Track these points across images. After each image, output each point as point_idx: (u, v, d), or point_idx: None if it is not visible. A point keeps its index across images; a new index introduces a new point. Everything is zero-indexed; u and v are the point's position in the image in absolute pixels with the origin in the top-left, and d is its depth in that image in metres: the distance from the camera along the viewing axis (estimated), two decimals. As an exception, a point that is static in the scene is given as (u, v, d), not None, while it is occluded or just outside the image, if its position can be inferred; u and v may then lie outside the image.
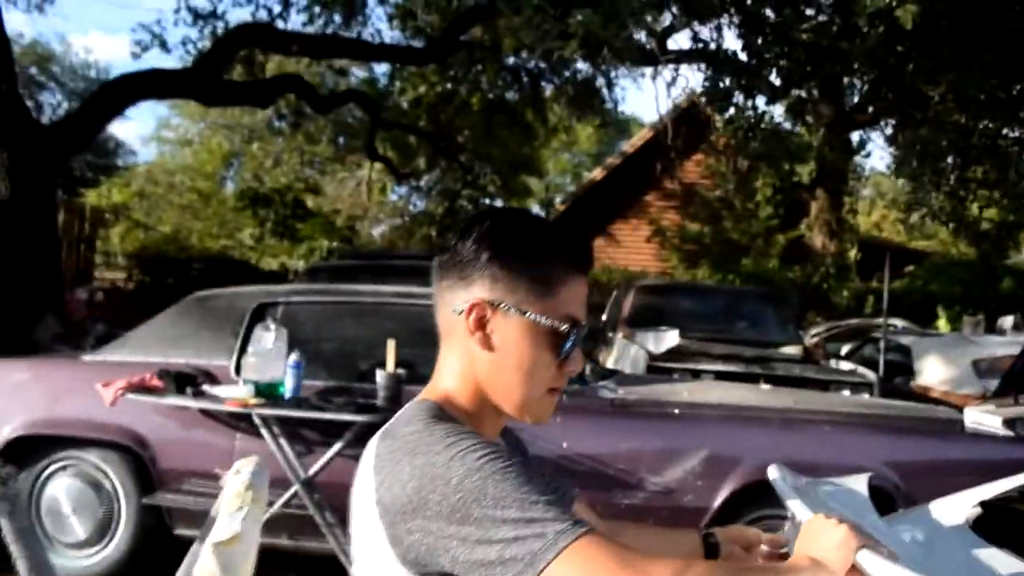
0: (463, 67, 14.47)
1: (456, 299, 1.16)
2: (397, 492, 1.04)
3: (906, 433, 3.87)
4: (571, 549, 0.93)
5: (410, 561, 1.04)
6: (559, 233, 1.19)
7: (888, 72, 7.75)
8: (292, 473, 3.57)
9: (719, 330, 8.21)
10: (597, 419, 3.76)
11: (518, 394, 1.16)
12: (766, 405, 3.91)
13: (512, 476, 1.00)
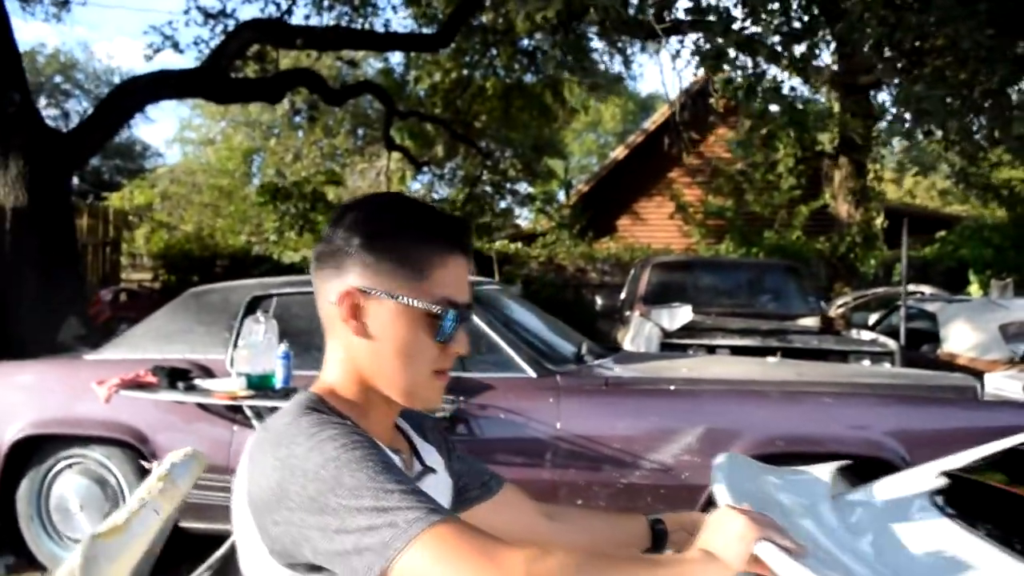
0: (477, 52, 14.42)
1: (331, 288, 1.13)
2: (263, 484, 1.02)
3: (914, 402, 3.76)
4: (424, 537, 0.91)
5: (277, 552, 1.02)
6: (430, 215, 1.15)
7: (887, 28, 7.55)
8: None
9: (737, 304, 8.11)
10: (591, 398, 3.71)
11: (401, 380, 1.13)
12: (766, 379, 3.84)
13: (369, 466, 0.97)
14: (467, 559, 0.89)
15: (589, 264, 14.61)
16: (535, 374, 3.74)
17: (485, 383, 3.73)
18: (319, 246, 1.15)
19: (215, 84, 9.74)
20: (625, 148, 19.11)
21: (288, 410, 1.09)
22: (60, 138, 8.93)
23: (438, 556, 0.89)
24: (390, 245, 1.11)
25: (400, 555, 0.90)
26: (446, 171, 21.08)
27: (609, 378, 3.81)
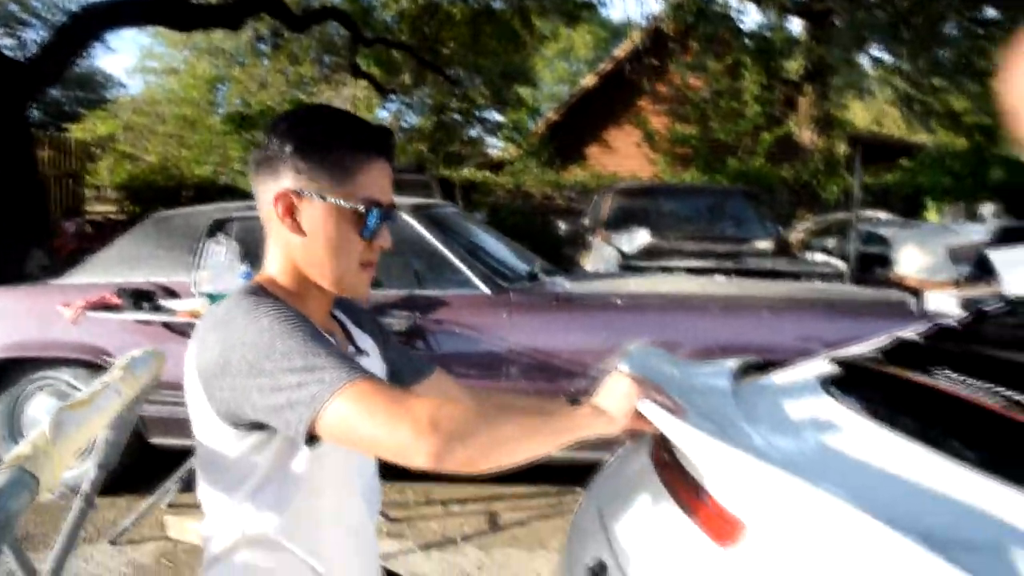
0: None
1: (268, 191, 1.26)
2: (208, 357, 1.16)
3: (847, 314, 3.97)
4: (346, 390, 1.05)
5: (223, 414, 1.17)
6: (356, 124, 1.28)
7: None
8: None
9: (697, 229, 8.29)
10: (542, 314, 3.88)
11: (331, 271, 1.27)
12: (708, 293, 4.02)
13: (299, 334, 1.11)
14: (382, 407, 1.04)
15: (556, 192, 14.69)
16: (489, 291, 3.91)
17: (441, 300, 3.90)
18: (256, 153, 1.28)
19: (174, 11, 9.59)
20: (595, 76, 19.00)
21: (231, 297, 1.24)
22: (17, 68, 8.80)
23: (358, 406, 1.04)
24: (320, 151, 1.23)
25: (326, 406, 1.04)
26: (414, 99, 20.88)
27: (559, 294, 3.98)
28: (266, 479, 1.21)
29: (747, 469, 1.06)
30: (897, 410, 1.43)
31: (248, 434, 1.19)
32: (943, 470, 1.12)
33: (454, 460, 1.01)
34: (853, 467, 1.22)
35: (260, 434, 1.19)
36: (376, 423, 1.02)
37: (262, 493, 1.21)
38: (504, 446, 1.06)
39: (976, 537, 0.93)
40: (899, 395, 1.51)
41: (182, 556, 3.60)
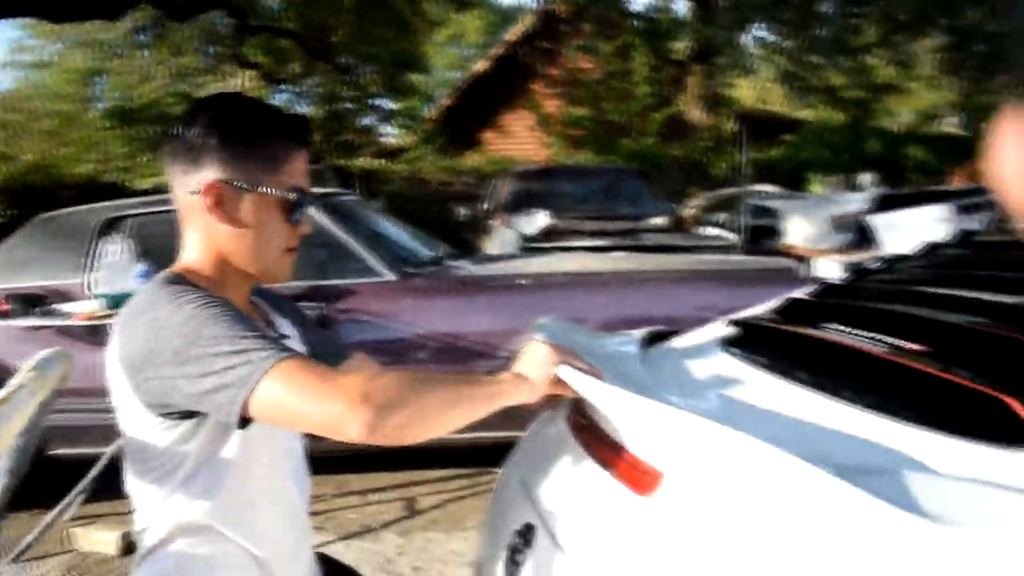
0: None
1: (191, 181, 1.26)
2: (133, 347, 1.16)
3: (741, 284, 4.15)
4: (275, 369, 1.07)
5: (151, 404, 1.18)
6: (278, 115, 1.30)
7: None
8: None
9: (593, 209, 8.45)
10: (448, 297, 3.93)
11: (259, 258, 1.29)
12: (608, 269, 4.14)
13: (225, 319, 1.12)
14: (313, 383, 1.06)
15: (454, 178, 14.70)
16: (395, 277, 3.92)
17: (347, 288, 3.89)
18: (172, 144, 1.27)
19: (48, 1, 9.14)
20: (487, 61, 19.04)
21: (150, 285, 1.23)
22: None
23: (288, 384, 1.06)
24: (247, 142, 1.25)
25: (258, 385, 1.06)
26: (304, 88, 20.44)
27: (464, 277, 4.03)
28: (197, 466, 1.22)
29: (662, 420, 1.14)
30: (793, 362, 1.53)
31: (178, 423, 1.19)
32: (837, 412, 1.22)
33: (386, 430, 1.04)
34: (757, 415, 1.31)
35: (189, 422, 1.19)
36: (308, 399, 1.05)
37: (194, 480, 1.22)
38: (434, 414, 1.10)
39: (870, 464, 1.02)
40: (793, 349, 1.61)
41: (93, 568, 3.51)
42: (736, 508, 1.02)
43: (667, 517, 1.11)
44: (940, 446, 1.07)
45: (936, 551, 0.84)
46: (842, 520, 0.90)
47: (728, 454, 1.03)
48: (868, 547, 0.88)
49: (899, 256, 2.06)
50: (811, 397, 1.32)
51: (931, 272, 1.84)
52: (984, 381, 1.14)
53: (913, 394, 1.21)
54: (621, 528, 1.18)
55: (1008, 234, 2.03)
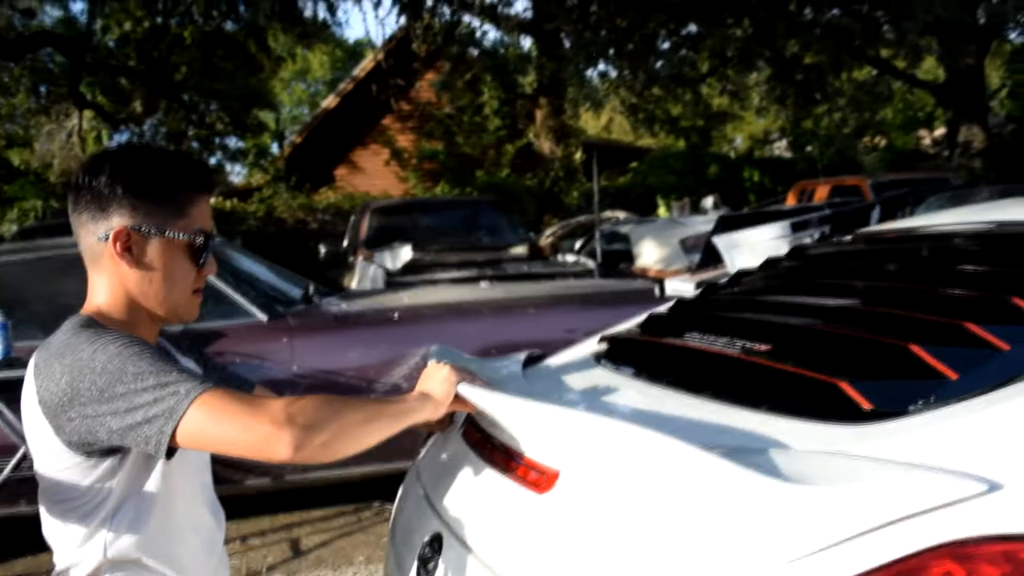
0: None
1: (98, 229, 1.31)
2: (53, 389, 1.20)
3: (603, 305, 4.40)
4: (200, 399, 1.14)
5: (75, 444, 1.22)
6: (181, 161, 1.37)
7: None
8: (16, 436, 3.50)
9: (454, 240, 8.62)
10: (323, 335, 3.97)
11: (168, 300, 1.35)
12: (478, 299, 4.30)
13: (147, 356, 1.19)
14: (238, 409, 1.14)
15: (309, 215, 14.57)
16: (266, 317, 3.93)
17: (218, 331, 3.86)
18: (77, 193, 1.31)
19: None
20: (336, 97, 19.00)
21: (65, 329, 1.27)
22: None
23: (215, 411, 1.14)
24: (153, 190, 1.31)
25: (185, 415, 1.13)
26: (147, 127, 19.76)
27: (337, 314, 4.08)
28: (122, 501, 1.26)
29: (554, 422, 1.28)
30: (659, 368, 1.72)
31: (101, 460, 1.23)
32: (701, 406, 1.41)
33: (311, 448, 1.13)
34: (631, 415, 1.48)
35: (112, 459, 1.24)
36: (236, 424, 1.13)
37: (120, 515, 1.26)
38: (353, 432, 1.20)
39: (735, 445, 1.20)
40: (658, 357, 1.81)
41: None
42: (631, 490, 1.17)
43: (566, 509, 1.25)
44: (791, 427, 1.26)
45: (794, 504, 1.01)
46: (723, 491, 1.07)
47: (619, 445, 1.18)
48: (741, 508, 1.05)
49: (742, 271, 2.31)
50: (677, 396, 1.50)
51: (770, 283, 2.09)
52: (820, 370, 1.35)
53: (764, 386, 1.41)
54: (525, 525, 1.31)
55: (831, 246, 2.31)
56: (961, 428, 1.15)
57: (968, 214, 2.24)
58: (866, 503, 1.01)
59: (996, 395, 1.19)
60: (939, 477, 1.04)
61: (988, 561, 0.98)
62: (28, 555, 3.97)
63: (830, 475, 1.08)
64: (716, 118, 17.82)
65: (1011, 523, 1.00)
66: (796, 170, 16.84)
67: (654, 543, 1.11)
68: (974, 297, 1.47)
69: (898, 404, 1.23)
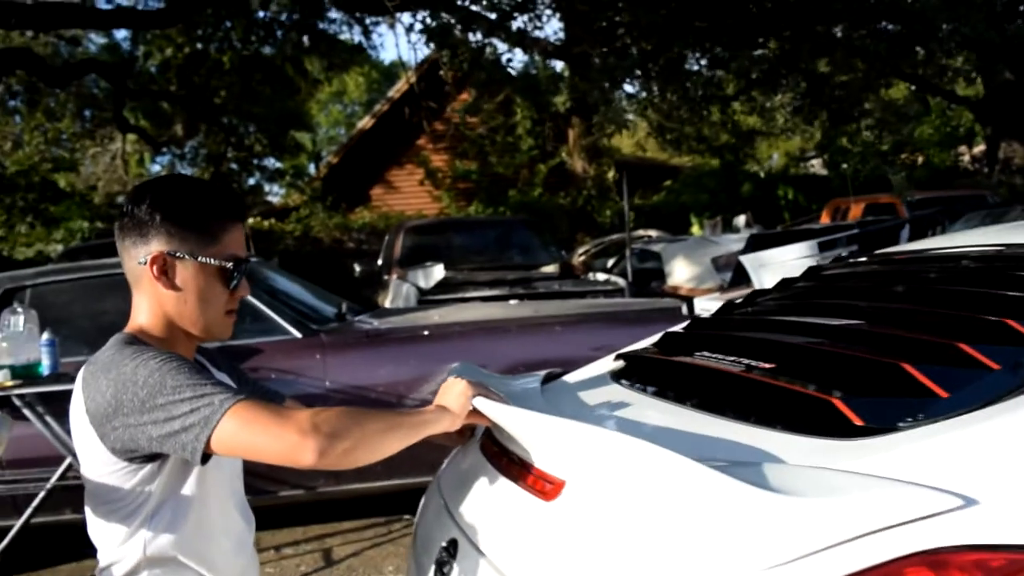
0: (210, 25, 14.00)
1: (139, 253, 1.43)
2: (99, 401, 1.31)
3: (630, 323, 4.46)
4: (233, 410, 1.24)
5: (118, 451, 1.33)
6: (215, 192, 1.49)
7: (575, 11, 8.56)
8: (63, 447, 3.65)
9: (487, 259, 8.74)
10: (355, 351, 4.09)
11: (201, 320, 1.46)
12: (506, 317, 4.39)
13: (185, 371, 1.30)
14: (268, 418, 1.24)
15: (345, 235, 14.81)
16: (300, 335, 4.06)
17: (254, 348, 4.00)
18: (122, 220, 1.44)
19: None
20: (372, 118, 19.30)
21: (110, 345, 1.39)
22: None
23: (244, 422, 1.24)
24: (188, 218, 1.42)
25: (219, 424, 1.23)
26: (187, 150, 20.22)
27: (369, 331, 4.20)
28: (160, 503, 1.37)
29: (562, 434, 1.37)
30: (670, 385, 1.80)
31: (142, 465, 1.34)
32: (707, 422, 1.48)
33: (335, 455, 1.23)
34: (641, 429, 1.56)
35: (152, 465, 1.35)
36: (265, 433, 1.23)
37: (159, 516, 1.37)
38: (373, 440, 1.29)
39: (732, 459, 1.27)
40: (670, 374, 1.88)
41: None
42: (630, 499, 1.25)
43: (571, 516, 1.33)
44: (786, 441, 1.33)
45: (778, 514, 1.09)
46: (714, 500, 1.14)
47: (620, 457, 1.27)
48: (729, 516, 1.12)
49: (758, 291, 2.37)
50: (683, 411, 1.58)
51: (782, 303, 2.15)
52: (815, 387, 1.41)
53: (765, 402, 1.49)
54: (533, 531, 1.39)
55: (845, 266, 2.37)
56: (946, 444, 1.21)
57: (984, 236, 2.28)
58: (846, 514, 1.08)
59: (982, 413, 1.25)
60: (918, 491, 1.10)
61: (960, 568, 1.04)
62: (73, 561, 4.12)
63: (815, 487, 1.15)
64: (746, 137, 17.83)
65: (985, 535, 1.06)
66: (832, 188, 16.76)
67: (649, 548, 1.19)
68: (969, 318, 1.53)
69: (888, 420, 1.29)
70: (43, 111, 16.33)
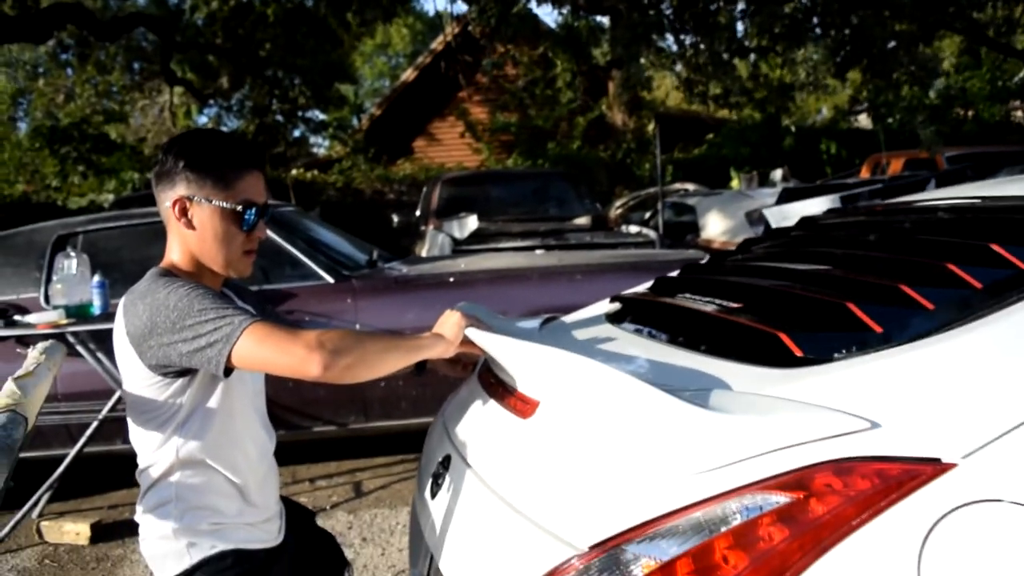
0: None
1: (167, 197, 1.63)
2: (137, 324, 1.53)
3: (649, 272, 4.59)
4: (251, 328, 1.44)
5: (154, 367, 1.54)
6: (233, 143, 1.67)
7: None
8: (113, 380, 3.94)
9: (522, 211, 8.88)
10: (384, 296, 4.31)
11: (220, 257, 1.65)
12: (530, 266, 4.57)
13: (209, 298, 1.50)
14: (280, 336, 1.43)
15: (386, 187, 15.02)
16: (333, 280, 4.29)
17: (288, 292, 4.24)
18: (155, 168, 1.65)
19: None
20: (414, 70, 19.38)
21: (146, 278, 1.60)
22: None
23: (260, 339, 1.43)
24: (206, 165, 1.61)
25: (238, 340, 1.43)
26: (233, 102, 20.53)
27: (398, 277, 4.41)
28: (190, 413, 1.59)
29: (538, 359, 1.55)
30: (653, 324, 1.96)
31: (174, 380, 1.56)
32: (673, 353, 1.66)
33: (338, 369, 1.42)
34: (611, 357, 1.74)
35: (183, 379, 1.56)
36: (277, 348, 1.42)
37: (189, 425, 1.59)
38: (373, 359, 1.49)
39: (691, 386, 1.44)
40: (654, 314, 2.05)
41: (65, 556, 3.80)
42: (591, 416, 1.44)
43: (543, 431, 1.52)
44: (736, 370, 1.50)
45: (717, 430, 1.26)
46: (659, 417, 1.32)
47: (584, 379, 1.45)
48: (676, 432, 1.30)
49: (750, 239, 2.52)
50: (657, 346, 1.76)
51: (769, 251, 2.30)
52: (768, 324, 1.58)
53: (725, 337, 1.65)
54: (511, 445, 1.59)
55: (834, 217, 2.50)
56: (867, 373, 1.37)
57: (974, 189, 2.39)
58: (768, 431, 1.25)
59: (906, 347, 1.40)
60: (831, 414, 1.27)
61: (863, 476, 1.21)
62: (124, 488, 4.44)
63: (747, 409, 1.33)
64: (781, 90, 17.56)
65: (886, 449, 1.22)
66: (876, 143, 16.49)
67: (605, 457, 1.37)
68: (917, 263, 1.67)
69: (825, 352, 1.45)
70: (94, 64, 16.68)
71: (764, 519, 1.19)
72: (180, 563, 1.61)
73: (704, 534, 1.20)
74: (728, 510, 1.21)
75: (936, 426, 1.24)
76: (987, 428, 1.22)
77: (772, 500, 1.20)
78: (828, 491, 1.20)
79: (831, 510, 1.18)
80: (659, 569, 1.20)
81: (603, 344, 1.96)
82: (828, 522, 1.18)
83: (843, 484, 1.20)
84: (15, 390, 1.60)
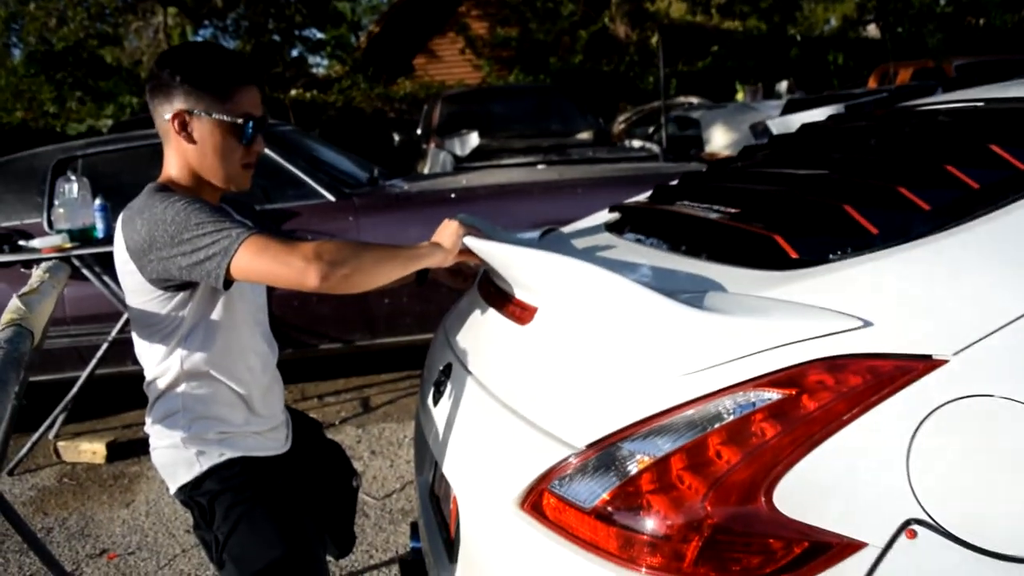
0: None
1: (164, 111, 1.62)
2: (136, 239, 1.54)
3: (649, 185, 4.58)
4: (249, 240, 1.44)
5: (155, 280, 1.56)
6: (230, 56, 1.66)
7: None
8: (119, 302, 3.97)
9: (524, 127, 8.80)
10: (385, 213, 4.31)
11: (220, 171, 1.65)
12: (531, 180, 4.55)
13: (207, 211, 1.50)
14: (278, 247, 1.44)
15: (387, 105, 14.84)
16: (334, 198, 4.28)
17: (290, 211, 4.24)
18: (150, 83, 1.63)
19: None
20: (413, -16, 18.93)
21: (144, 193, 1.60)
22: None
23: (258, 251, 1.44)
24: (204, 79, 1.59)
25: (236, 252, 1.44)
26: (229, 22, 20.13)
27: (399, 194, 4.40)
28: (193, 326, 1.61)
29: (535, 265, 1.56)
30: (651, 230, 1.97)
31: (176, 293, 1.58)
32: (671, 259, 1.67)
33: (335, 279, 1.43)
34: (610, 263, 1.74)
35: (184, 293, 1.58)
36: (276, 260, 1.43)
37: (192, 337, 1.62)
38: (370, 268, 1.50)
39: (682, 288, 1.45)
40: (652, 221, 2.05)
41: (83, 475, 3.90)
42: (587, 319, 1.45)
43: (541, 336, 1.54)
44: (733, 274, 1.51)
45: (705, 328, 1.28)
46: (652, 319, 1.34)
47: (580, 283, 1.46)
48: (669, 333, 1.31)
49: (750, 146, 2.50)
50: (656, 252, 1.76)
51: (769, 156, 2.29)
52: (764, 227, 1.58)
53: (722, 242, 1.66)
54: (510, 351, 1.61)
55: (834, 122, 2.47)
56: (863, 274, 1.37)
57: (979, 92, 2.35)
58: (761, 330, 1.27)
59: (900, 247, 1.40)
60: (825, 313, 1.28)
61: (855, 372, 1.23)
62: (136, 409, 4.53)
63: (741, 309, 1.34)
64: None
65: (878, 346, 1.24)
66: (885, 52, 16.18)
67: (601, 359, 1.39)
68: (915, 165, 1.66)
69: (820, 254, 1.45)
70: (84, -15, 16.34)
71: (756, 415, 1.21)
72: (190, 471, 1.65)
73: (697, 431, 1.23)
74: (721, 407, 1.23)
75: (928, 324, 1.25)
76: (978, 325, 1.23)
77: (764, 397, 1.22)
78: (820, 387, 1.22)
79: (822, 406, 1.20)
80: (653, 465, 1.23)
81: (602, 252, 1.96)
82: (819, 417, 1.20)
83: (835, 381, 1.22)
84: (20, 306, 1.62)
